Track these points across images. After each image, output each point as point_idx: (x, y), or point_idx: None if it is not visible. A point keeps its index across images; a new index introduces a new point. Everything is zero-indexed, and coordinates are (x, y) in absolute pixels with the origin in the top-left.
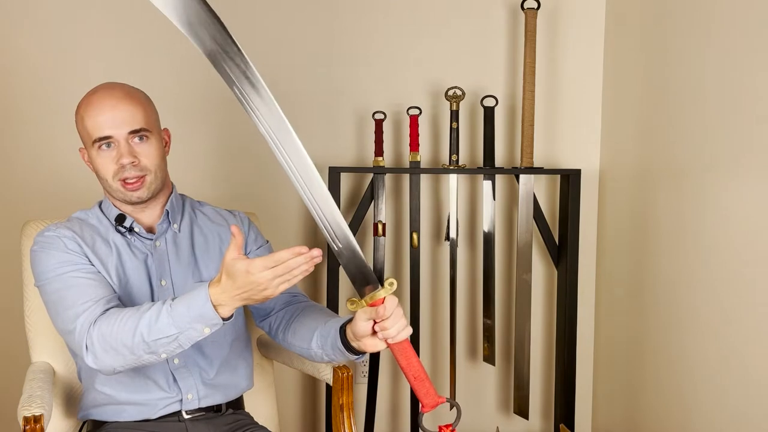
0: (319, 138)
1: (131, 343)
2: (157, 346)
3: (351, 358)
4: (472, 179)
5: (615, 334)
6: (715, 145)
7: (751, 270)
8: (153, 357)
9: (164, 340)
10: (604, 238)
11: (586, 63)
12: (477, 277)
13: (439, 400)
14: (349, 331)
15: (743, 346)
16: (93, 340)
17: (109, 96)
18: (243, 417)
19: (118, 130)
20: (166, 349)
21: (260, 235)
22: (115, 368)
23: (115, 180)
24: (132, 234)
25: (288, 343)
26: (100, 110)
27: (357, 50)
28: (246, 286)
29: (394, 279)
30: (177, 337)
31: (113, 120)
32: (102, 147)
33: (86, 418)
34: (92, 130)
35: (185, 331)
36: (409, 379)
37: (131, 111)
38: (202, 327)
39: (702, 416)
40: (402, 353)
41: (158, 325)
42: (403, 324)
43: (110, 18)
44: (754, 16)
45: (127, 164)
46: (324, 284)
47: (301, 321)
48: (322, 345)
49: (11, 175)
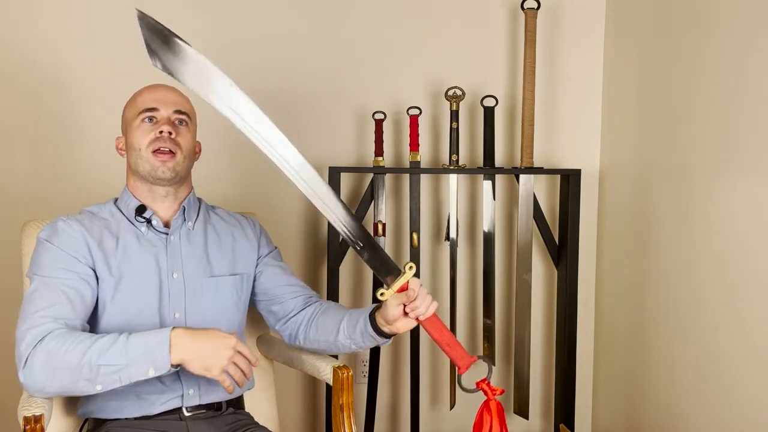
0: (319, 138)
1: (76, 363)
2: (99, 372)
3: (381, 342)
4: (472, 179)
5: (615, 334)
6: (715, 144)
7: (751, 269)
8: (87, 386)
9: (108, 368)
10: (604, 238)
11: (586, 63)
12: (477, 277)
13: (472, 359)
14: (379, 317)
15: (743, 346)
16: (36, 355)
17: (162, 84)
18: (243, 417)
19: (165, 106)
20: (105, 380)
21: (270, 240)
22: (45, 389)
23: (148, 150)
24: (148, 227)
25: (310, 340)
26: (154, 90)
27: (357, 50)
28: (211, 343)
29: (411, 262)
30: (121, 369)
31: (164, 98)
32: (144, 120)
33: (86, 415)
34: (141, 103)
35: (131, 365)
36: (443, 348)
37: (181, 98)
38: (149, 366)
39: (702, 416)
40: (433, 326)
41: (109, 352)
42: (430, 300)
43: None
44: (754, 16)
45: (165, 133)
46: (324, 284)
47: (323, 318)
48: (350, 335)
49: (11, 175)
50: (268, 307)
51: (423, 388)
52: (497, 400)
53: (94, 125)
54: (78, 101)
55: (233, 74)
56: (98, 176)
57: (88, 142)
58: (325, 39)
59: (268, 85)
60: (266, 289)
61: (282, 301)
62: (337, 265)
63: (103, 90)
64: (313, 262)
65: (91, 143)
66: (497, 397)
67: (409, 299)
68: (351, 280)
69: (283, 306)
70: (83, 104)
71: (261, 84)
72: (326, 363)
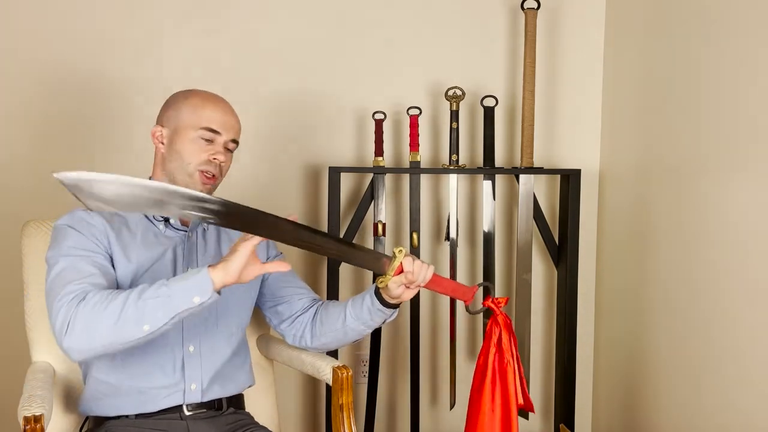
0: (319, 138)
1: (120, 309)
2: (144, 310)
3: (389, 315)
4: (472, 179)
5: (615, 334)
6: (715, 144)
7: (751, 269)
8: (134, 329)
9: (153, 302)
10: (604, 237)
11: (586, 63)
12: (477, 277)
13: (474, 289)
14: (384, 295)
15: (743, 345)
16: (77, 316)
17: (227, 104)
18: (244, 417)
19: (227, 132)
20: (151, 317)
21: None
22: (91, 347)
23: (197, 168)
24: (166, 224)
25: (317, 335)
26: (218, 108)
27: (357, 50)
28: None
29: (400, 246)
30: (166, 300)
31: (228, 123)
32: (203, 138)
33: (87, 413)
34: (207, 120)
35: (174, 295)
36: (448, 294)
37: (239, 125)
38: (193, 295)
39: (702, 416)
40: (434, 285)
41: (151, 288)
42: (425, 268)
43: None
44: (753, 16)
45: (219, 162)
46: (324, 284)
47: (325, 312)
48: (358, 315)
49: (11, 175)
50: (275, 307)
51: (423, 388)
52: (504, 313)
53: (95, 125)
54: (78, 101)
55: (233, 75)
56: None
57: (89, 142)
58: (326, 39)
59: (269, 85)
60: (274, 291)
61: (289, 302)
62: (337, 265)
63: (104, 90)
64: (313, 262)
65: (91, 143)
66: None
67: (409, 281)
68: (351, 280)
69: (289, 306)
70: (83, 104)
71: (261, 84)
72: (326, 363)
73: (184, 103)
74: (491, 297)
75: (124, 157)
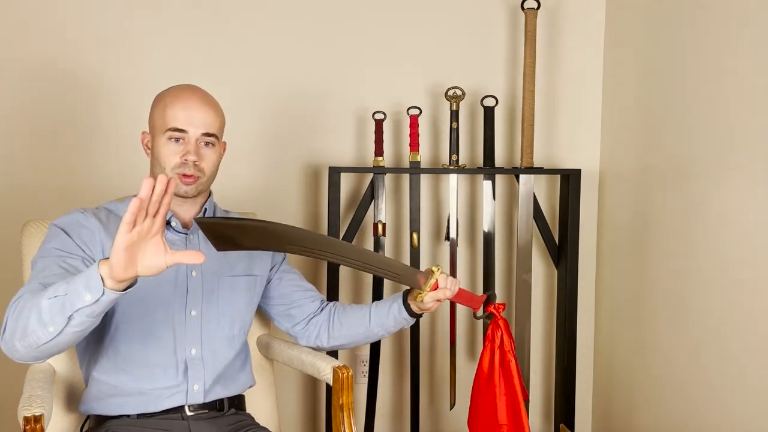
0: (319, 138)
1: (29, 312)
2: (51, 309)
3: (410, 323)
4: (472, 179)
5: (615, 334)
6: (715, 144)
7: (751, 269)
8: (40, 329)
9: (53, 301)
10: (604, 238)
11: (586, 63)
12: (477, 277)
13: (482, 297)
14: (413, 305)
15: (743, 346)
16: (8, 318)
17: (198, 97)
18: (245, 418)
19: (194, 128)
20: (53, 316)
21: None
22: (15, 347)
23: (173, 172)
24: (167, 227)
25: (335, 336)
26: (185, 105)
27: (357, 50)
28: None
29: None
30: (63, 300)
31: (194, 118)
32: (172, 139)
33: (88, 412)
34: (171, 120)
35: (71, 293)
36: (462, 303)
37: (212, 116)
38: (84, 292)
39: (701, 416)
40: (456, 296)
41: (55, 288)
42: (455, 283)
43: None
44: (753, 17)
45: (190, 162)
46: (324, 284)
47: (344, 315)
48: (382, 322)
49: (11, 175)
50: (287, 311)
51: (423, 388)
52: (503, 317)
53: (95, 125)
54: (78, 101)
55: (233, 75)
56: (99, 176)
57: (89, 142)
58: (326, 39)
59: (269, 85)
60: (284, 294)
61: (301, 305)
62: (337, 265)
63: (104, 90)
64: (313, 262)
65: (91, 143)
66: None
67: (445, 296)
68: (351, 280)
69: (302, 309)
70: (83, 104)
71: (261, 84)
72: (326, 363)
73: (156, 105)
74: (493, 303)
75: (125, 157)
